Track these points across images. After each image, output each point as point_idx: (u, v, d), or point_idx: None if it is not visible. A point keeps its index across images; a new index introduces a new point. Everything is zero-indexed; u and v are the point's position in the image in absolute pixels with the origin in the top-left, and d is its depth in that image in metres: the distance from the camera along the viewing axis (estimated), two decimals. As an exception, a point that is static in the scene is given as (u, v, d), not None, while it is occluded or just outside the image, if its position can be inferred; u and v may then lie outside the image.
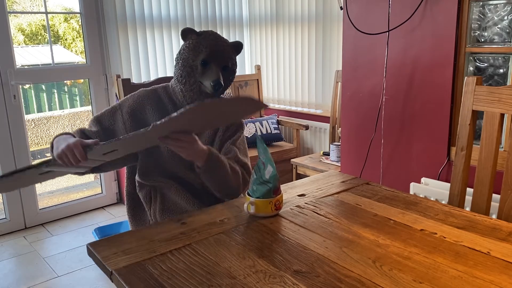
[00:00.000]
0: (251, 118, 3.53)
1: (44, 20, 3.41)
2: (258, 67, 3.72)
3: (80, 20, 3.23)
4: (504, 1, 1.77)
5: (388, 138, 2.20)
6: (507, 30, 1.78)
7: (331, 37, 3.29)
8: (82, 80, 3.65)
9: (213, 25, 3.72)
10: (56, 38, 4.34)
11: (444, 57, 1.92)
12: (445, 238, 1.08)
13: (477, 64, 1.90)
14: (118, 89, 1.74)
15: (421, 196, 1.69)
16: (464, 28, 1.86)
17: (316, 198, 1.36)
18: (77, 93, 4.91)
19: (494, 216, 1.41)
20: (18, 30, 4.26)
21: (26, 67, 3.29)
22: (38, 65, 3.94)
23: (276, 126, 3.47)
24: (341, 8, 2.67)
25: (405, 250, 1.02)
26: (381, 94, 2.19)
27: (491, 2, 1.81)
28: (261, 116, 3.70)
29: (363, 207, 1.28)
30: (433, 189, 1.89)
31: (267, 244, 1.06)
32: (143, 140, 1.19)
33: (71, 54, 4.51)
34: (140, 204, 1.57)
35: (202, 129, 1.35)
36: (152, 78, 3.31)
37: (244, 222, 1.19)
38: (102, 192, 3.49)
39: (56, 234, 3.00)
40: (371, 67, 2.22)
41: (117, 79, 2.14)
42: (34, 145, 4.52)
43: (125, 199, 1.62)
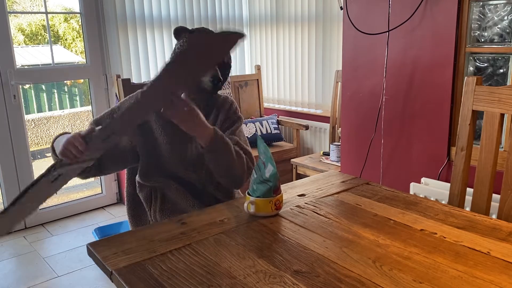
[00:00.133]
0: (251, 118, 3.53)
1: (44, 20, 3.41)
2: (258, 67, 3.72)
3: (80, 20, 3.23)
4: (504, 1, 1.77)
5: (388, 138, 2.20)
6: (507, 30, 1.78)
7: (331, 37, 3.29)
8: (82, 80, 3.65)
9: (213, 25, 3.72)
10: (56, 38, 4.34)
11: (444, 57, 1.92)
12: (445, 238, 1.08)
13: (477, 64, 1.90)
14: (118, 89, 1.74)
15: (421, 196, 1.69)
16: (464, 28, 1.86)
17: (316, 198, 1.36)
18: (77, 93, 4.91)
19: (494, 216, 1.40)
20: (18, 30, 4.26)
21: (26, 67, 3.29)
22: (38, 65, 3.94)
23: (276, 126, 3.47)
24: (341, 8, 2.67)
25: (405, 250, 1.02)
26: (381, 94, 2.19)
27: (491, 2, 1.81)
28: (261, 116, 3.70)
29: (363, 207, 1.28)
30: (433, 189, 1.89)
31: (267, 244, 1.06)
32: (137, 114, 1.16)
33: (71, 54, 4.51)
34: (140, 205, 1.57)
35: (191, 81, 1.27)
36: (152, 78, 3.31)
37: (244, 222, 1.19)
38: (102, 192, 3.49)
39: (56, 234, 3.00)
40: (371, 67, 2.22)
41: (117, 79, 2.15)
42: (34, 145, 4.52)
43: (125, 199, 1.62)
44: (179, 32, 1.39)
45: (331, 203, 1.32)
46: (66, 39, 4.51)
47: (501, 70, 1.84)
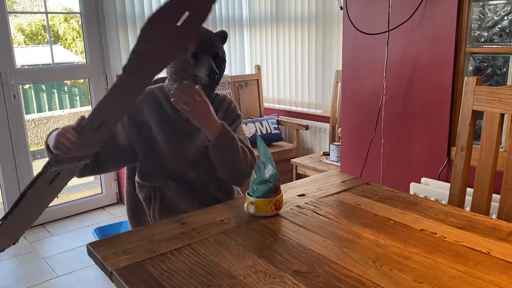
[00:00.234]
0: (251, 118, 3.53)
1: (44, 20, 3.41)
2: (258, 67, 3.72)
3: (80, 20, 3.23)
4: (504, 1, 1.77)
5: (388, 138, 2.20)
6: (507, 30, 1.78)
7: (331, 37, 3.29)
8: (82, 80, 3.65)
9: (213, 25, 3.72)
10: (56, 38, 4.34)
11: (444, 57, 1.92)
12: (445, 238, 1.08)
13: (477, 64, 1.90)
14: (118, 89, 1.74)
15: (421, 196, 1.69)
16: (464, 28, 1.86)
17: (316, 198, 1.36)
18: (77, 93, 4.91)
19: (494, 216, 1.40)
20: (18, 30, 4.26)
21: (26, 67, 3.29)
22: (38, 65, 3.93)
23: (276, 126, 3.47)
24: (341, 8, 2.67)
25: (405, 250, 1.02)
26: (381, 94, 2.19)
27: (491, 2, 1.81)
28: (261, 116, 3.70)
29: (363, 207, 1.28)
30: (433, 189, 1.89)
31: (267, 244, 1.06)
32: (124, 96, 1.13)
33: (71, 54, 4.51)
34: (140, 205, 1.57)
35: (175, 47, 1.18)
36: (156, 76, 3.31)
37: (244, 222, 1.19)
38: (102, 192, 3.49)
39: (56, 234, 3.00)
40: (371, 67, 2.22)
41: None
42: (34, 145, 4.52)
43: (125, 199, 1.62)
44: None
45: (331, 203, 1.32)
46: (66, 39, 4.51)
47: (501, 70, 1.84)
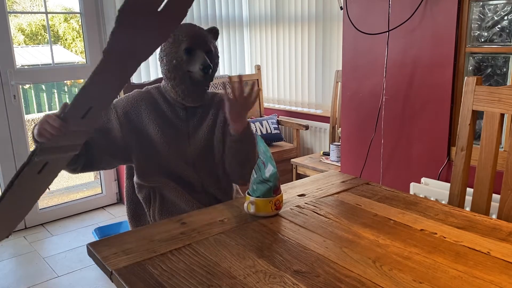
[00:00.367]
0: (251, 118, 3.53)
1: (44, 20, 3.41)
2: (258, 67, 3.72)
3: (80, 20, 3.23)
4: (504, 1, 1.77)
5: (388, 138, 2.20)
6: (507, 30, 1.78)
7: (331, 37, 3.29)
8: (82, 80, 3.65)
9: (213, 25, 3.71)
10: (56, 38, 4.34)
11: (444, 57, 1.92)
12: (445, 238, 1.08)
13: (477, 64, 1.90)
14: (118, 89, 1.74)
15: (421, 196, 1.69)
16: (464, 28, 1.86)
17: (316, 198, 1.36)
18: (76, 93, 4.89)
19: (494, 216, 1.40)
20: (18, 30, 4.26)
21: (26, 67, 3.29)
22: (38, 65, 3.93)
23: (276, 126, 3.47)
24: (341, 8, 2.67)
25: (405, 250, 1.02)
26: (381, 94, 2.19)
27: (491, 2, 1.81)
28: (261, 116, 3.70)
29: (363, 207, 1.28)
30: (433, 189, 1.89)
31: (267, 244, 1.06)
32: (109, 81, 1.10)
33: (71, 54, 4.50)
34: (140, 205, 1.57)
35: (158, 33, 1.13)
36: (152, 78, 3.31)
37: (244, 222, 1.19)
38: (102, 192, 3.49)
39: (56, 234, 3.00)
40: (371, 67, 2.22)
41: (117, 79, 2.14)
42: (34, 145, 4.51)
43: (125, 200, 1.62)
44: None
45: (331, 203, 1.32)
46: (66, 39, 4.51)
47: (501, 70, 1.84)
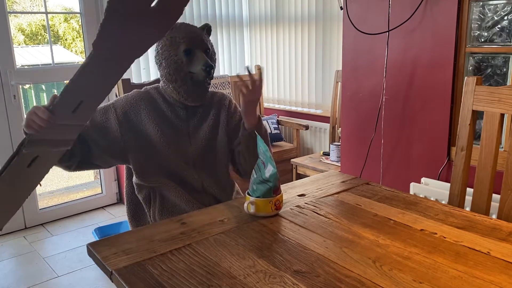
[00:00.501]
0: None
1: (44, 20, 3.41)
2: (258, 67, 3.72)
3: (80, 20, 3.23)
4: (504, 1, 1.77)
5: (388, 138, 2.20)
6: (507, 30, 1.78)
7: (331, 37, 3.29)
8: (82, 80, 3.65)
9: (213, 25, 3.71)
10: (56, 38, 4.34)
11: (444, 57, 1.92)
12: (445, 238, 1.08)
13: (477, 64, 1.90)
14: (118, 89, 1.74)
15: (421, 196, 1.69)
16: (464, 28, 1.86)
17: (316, 198, 1.36)
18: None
19: (494, 216, 1.40)
20: (18, 30, 4.26)
21: (26, 67, 3.29)
22: (38, 65, 3.93)
23: (276, 126, 3.47)
24: (341, 8, 2.67)
25: (405, 250, 1.02)
26: (381, 94, 2.19)
27: (491, 2, 1.81)
28: (261, 116, 3.70)
29: (363, 207, 1.28)
30: (433, 189, 1.89)
31: (267, 244, 1.06)
32: (100, 74, 1.07)
33: (71, 54, 4.50)
34: (140, 206, 1.57)
35: (153, 27, 1.13)
36: (152, 78, 3.31)
37: (244, 222, 1.19)
38: (102, 192, 3.49)
39: (56, 234, 3.00)
40: (371, 67, 2.22)
41: (117, 79, 2.14)
42: (34, 145, 4.50)
43: (125, 200, 1.61)
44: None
45: (331, 203, 1.32)
46: (66, 39, 4.51)
47: (501, 70, 1.84)
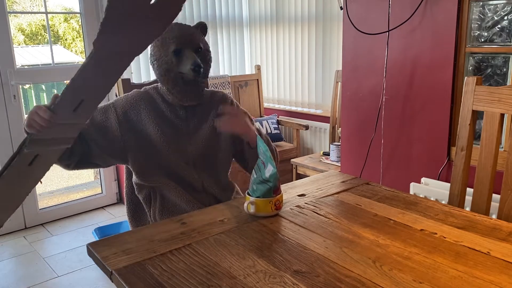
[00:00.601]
0: (251, 118, 3.53)
1: (44, 20, 3.41)
2: (258, 67, 3.72)
3: (80, 20, 3.23)
4: (504, 1, 1.77)
5: (388, 138, 2.20)
6: (507, 30, 1.78)
7: (331, 37, 3.29)
8: (82, 80, 3.66)
9: (213, 25, 3.71)
10: (56, 38, 4.34)
11: (444, 57, 1.91)
12: (445, 238, 1.08)
13: (477, 64, 1.90)
14: (118, 89, 1.74)
15: (421, 196, 1.69)
16: (464, 28, 1.86)
17: (316, 198, 1.36)
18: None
19: (494, 216, 1.40)
20: (18, 30, 4.26)
21: (26, 67, 3.29)
22: (38, 65, 3.93)
23: (276, 126, 3.47)
24: (341, 8, 2.67)
25: (405, 250, 1.02)
26: (381, 94, 2.19)
27: (491, 2, 1.81)
28: (261, 116, 3.70)
29: (363, 207, 1.28)
30: (433, 189, 1.89)
31: (267, 244, 1.06)
32: (101, 73, 1.08)
33: (71, 54, 4.50)
34: (140, 206, 1.57)
35: (151, 25, 1.13)
36: (152, 78, 3.31)
37: (244, 222, 1.19)
38: (102, 192, 3.49)
39: (56, 234, 3.00)
40: (371, 67, 2.22)
41: (117, 79, 2.14)
42: (34, 145, 4.50)
43: (125, 200, 1.61)
44: None
45: (331, 203, 1.32)
46: (66, 39, 4.51)
47: (501, 70, 1.84)
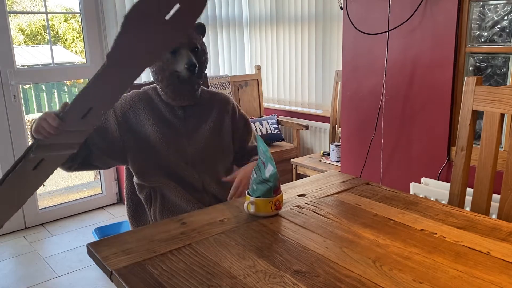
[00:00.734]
0: (251, 118, 3.53)
1: (44, 20, 3.41)
2: (258, 67, 3.72)
3: (80, 20, 3.23)
4: (504, 1, 1.77)
5: (388, 138, 2.20)
6: (507, 30, 1.78)
7: (331, 37, 3.29)
8: (82, 80, 3.65)
9: (213, 25, 3.71)
10: (56, 38, 4.34)
11: (444, 57, 1.91)
12: (445, 238, 1.08)
13: (477, 64, 1.90)
14: (118, 89, 1.74)
15: (421, 196, 1.69)
16: (464, 28, 1.86)
17: (316, 198, 1.36)
18: (77, 93, 4.89)
19: (494, 216, 1.40)
20: (18, 30, 4.26)
21: (26, 67, 3.29)
22: (38, 65, 3.93)
23: (276, 126, 3.47)
24: (341, 8, 2.67)
25: (405, 250, 1.02)
26: (381, 94, 2.19)
27: (491, 2, 1.81)
28: (261, 116, 3.70)
29: (363, 207, 1.28)
30: (433, 189, 1.89)
31: (267, 244, 1.06)
32: (111, 83, 1.08)
33: (71, 54, 4.50)
34: (140, 205, 1.57)
35: (163, 42, 1.13)
36: (152, 78, 3.31)
37: (244, 222, 1.19)
38: (102, 192, 3.49)
39: (56, 234, 3.00)
40: (371, 67, 2.22)
41: (117, 79, 2.13)
42: (34, 145, 4.50)
43: (125, 200, 1.61)
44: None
45: (331, 203, 1.32)
46: (66, 39, 4.51)
47: (501, 70, 1.84)
